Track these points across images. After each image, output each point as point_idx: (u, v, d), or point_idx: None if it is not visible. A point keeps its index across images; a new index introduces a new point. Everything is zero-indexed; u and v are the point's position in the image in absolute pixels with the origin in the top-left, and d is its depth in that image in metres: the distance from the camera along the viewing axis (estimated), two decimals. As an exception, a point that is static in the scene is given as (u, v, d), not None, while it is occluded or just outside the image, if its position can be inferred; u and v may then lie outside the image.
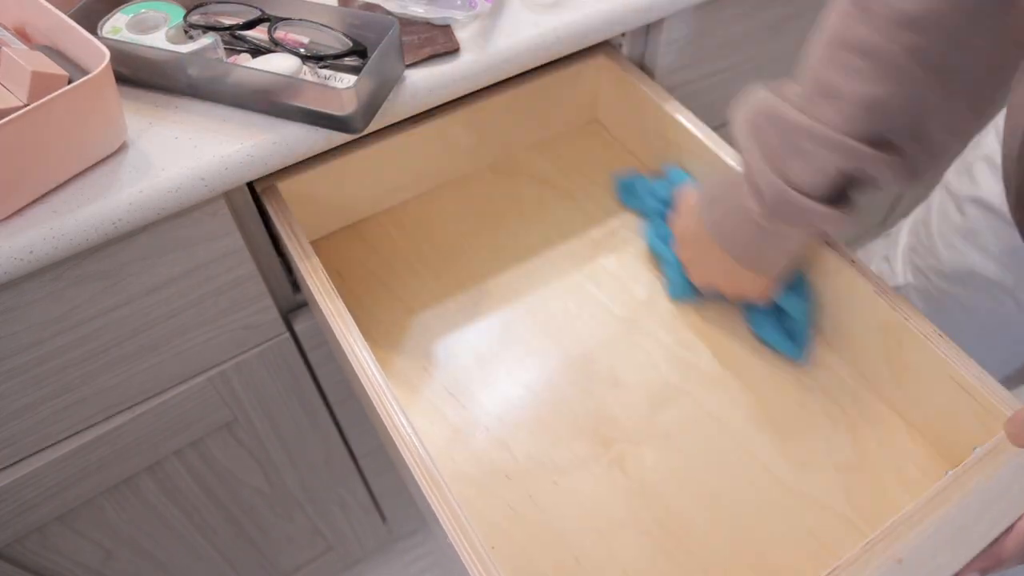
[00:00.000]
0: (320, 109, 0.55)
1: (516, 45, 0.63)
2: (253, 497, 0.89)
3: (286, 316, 0.74)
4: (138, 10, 0.59)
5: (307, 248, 0.59)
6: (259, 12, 0.59)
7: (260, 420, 0.80)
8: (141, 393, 0.68)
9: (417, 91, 0.60)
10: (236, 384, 0.74)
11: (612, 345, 0.64)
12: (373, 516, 1.10)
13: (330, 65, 0.59)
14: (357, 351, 0.53)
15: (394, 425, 0.49)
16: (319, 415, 0.85)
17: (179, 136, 0.56)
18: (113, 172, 0.53)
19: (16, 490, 0.66)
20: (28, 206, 0.51)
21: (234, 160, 0.55)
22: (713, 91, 0.87)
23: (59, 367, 0.60)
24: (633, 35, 0.76)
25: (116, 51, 0.55)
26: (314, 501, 0.97)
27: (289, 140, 0.56)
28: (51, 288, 0.55)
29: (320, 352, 0.78)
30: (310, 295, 0.59)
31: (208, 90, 0.57)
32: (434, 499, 0.46)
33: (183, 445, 0.75)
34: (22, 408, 0.61)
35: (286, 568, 1.07)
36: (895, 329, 0.56)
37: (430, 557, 1.27)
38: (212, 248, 0.61)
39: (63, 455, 0.66)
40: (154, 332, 0.63)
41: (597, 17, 0.65)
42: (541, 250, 0.71)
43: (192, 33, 0.59)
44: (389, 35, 0.56)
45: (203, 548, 0.91)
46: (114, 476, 0.72)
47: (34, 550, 0.74)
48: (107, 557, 0.81)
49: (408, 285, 0.69)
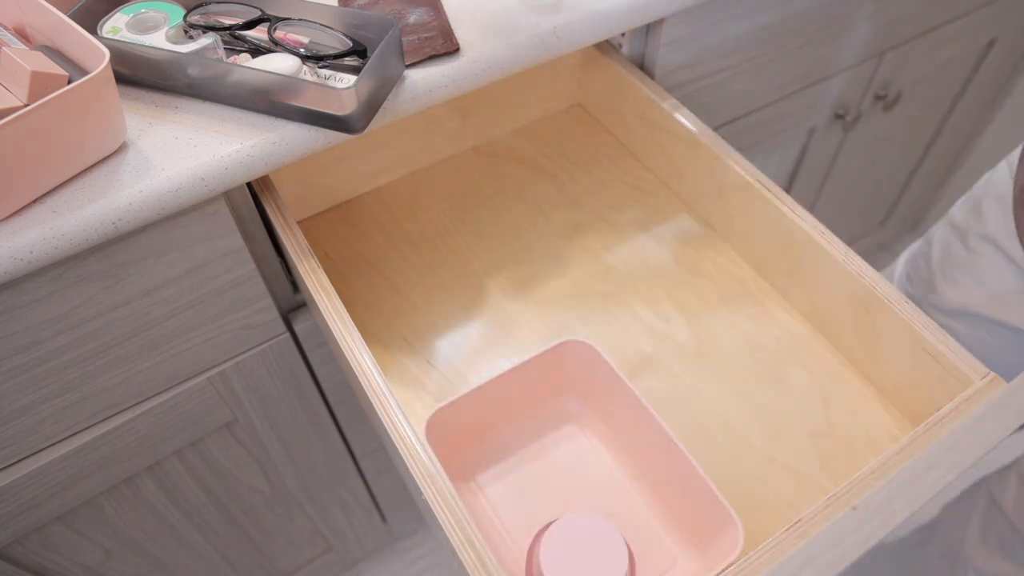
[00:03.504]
0: (320, 109, 0.55)
1: (516, 45, 0.63)
2: (253, 497, 0.89)
3: (286, 316, 0.74)
4: (138, 10, 0.59)
5: (306, 248, 0.59)
6: (259, 12, 0.59)
7: (260, 420, 0.80)
8: (141, 393, 0.68)
9: (417, 91, 0.60)
10: (236, 384, 0.74)
11: (593, 318, 0.66)
12: (373, 516, 1.10)
13: (330, 65, 0.59)
14: (356, 352, 0.53)
15: (394, 425, 0.49)
16: (319, 415, 0.85)
17: (179, 136, 0.56)
18: (113, 172, 0.53)
19: (16, 490, 0.66)
20: (28, 206, 0.51)
21: (234, 160, 0.55)
22: (713, 91, 0.87)
23: (59, 367, 0.60)
24: (633, 35, 0.76)
25: (116, 51, 0.55)
26: (314, 501, 0.97)
27: (289, 140, 0.56)
28: (51, 288, 0.55)
29: (320, 352, 0.78)
30: (309, 295, 0.59)
31: (208, 90, 0.57)
32: (434, 499, 0.46)
33: (183, 445, 0.75)
34: (22, 408, 0.61)
35: (286, 568, 1.07)
36: (863, 297, 0.57)
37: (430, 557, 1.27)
38: (212, 248, 0.61)
39: (63, 455, 0.66)
40: (154, 332, 0.63)
41: (597, 17, 0.65)
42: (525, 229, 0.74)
43: (192, 33, 0.59)
44: (389, 35, 0.56)
45: (203, 548, 0.91)
46: (114, 476, 0.72)
47: (34, 550, 0.74)
48: (107, 557, 0.81)
49: (394, 264, 0.71)
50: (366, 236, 0.73)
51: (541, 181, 0.77)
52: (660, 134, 0.72)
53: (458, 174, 0.78)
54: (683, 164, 0.71)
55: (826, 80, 1.00)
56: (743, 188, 0.64)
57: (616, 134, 0.80)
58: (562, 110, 0.83)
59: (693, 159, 0.69)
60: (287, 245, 0.60)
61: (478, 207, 0.75)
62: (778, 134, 1.04)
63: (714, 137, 0.67)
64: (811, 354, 0.63)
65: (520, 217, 0.74)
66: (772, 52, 0.88)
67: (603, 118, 0.81)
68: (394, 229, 0.73)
